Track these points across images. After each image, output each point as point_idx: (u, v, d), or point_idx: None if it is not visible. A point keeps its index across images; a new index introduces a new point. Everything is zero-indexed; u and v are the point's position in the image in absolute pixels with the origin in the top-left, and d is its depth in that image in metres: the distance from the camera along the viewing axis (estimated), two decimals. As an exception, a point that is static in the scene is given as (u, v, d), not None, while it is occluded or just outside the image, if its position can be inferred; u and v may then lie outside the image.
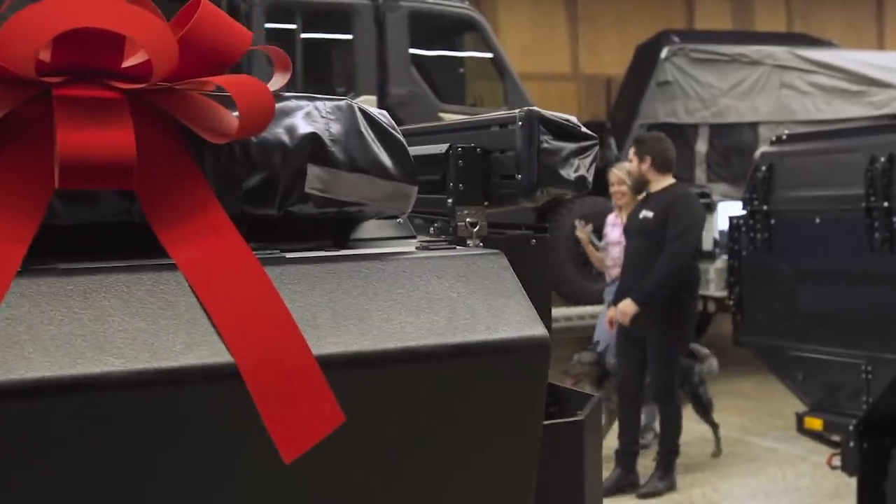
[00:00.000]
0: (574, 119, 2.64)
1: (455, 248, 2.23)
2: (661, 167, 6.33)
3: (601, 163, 8.47)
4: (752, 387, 9.12)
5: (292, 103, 2.27)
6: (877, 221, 4.65)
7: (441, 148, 2.73)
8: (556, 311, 8.54)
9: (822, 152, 5.04)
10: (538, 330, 2.05)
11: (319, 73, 8.21)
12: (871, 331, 4.77)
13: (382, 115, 2.35)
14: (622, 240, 6.78)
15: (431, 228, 2.74)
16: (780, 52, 9.98)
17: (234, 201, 2.22)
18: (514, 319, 2.05)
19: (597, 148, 2.65)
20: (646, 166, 6.34)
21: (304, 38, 7.81)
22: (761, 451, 7.37)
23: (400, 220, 2.68)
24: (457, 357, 1.98)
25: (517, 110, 2.63)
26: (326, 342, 1.91)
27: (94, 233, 2.14)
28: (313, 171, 2.24)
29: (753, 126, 9.73)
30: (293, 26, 7.72)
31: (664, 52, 10.14)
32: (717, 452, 7.17)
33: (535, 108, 2.58)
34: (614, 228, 7.14)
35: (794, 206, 4.99)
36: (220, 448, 1.84)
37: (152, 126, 2.06)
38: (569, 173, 2.54)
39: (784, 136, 5.35)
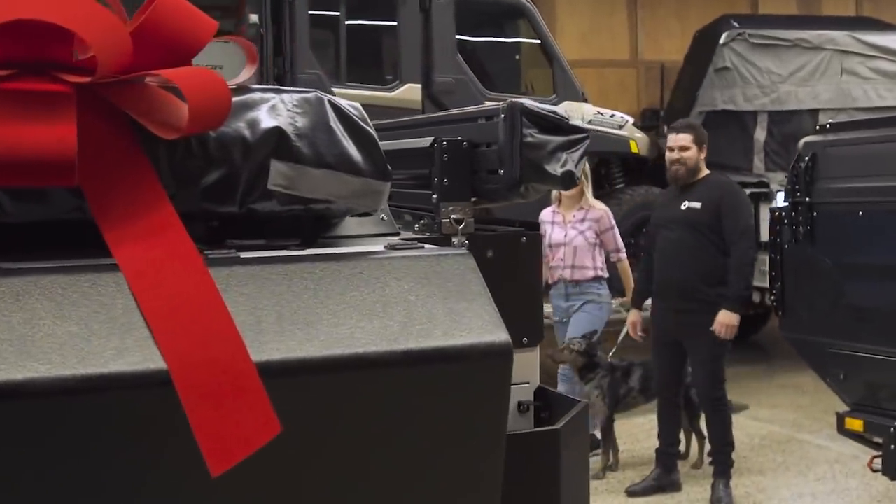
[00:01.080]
0: (562, 111, 2.53)
1: (423, 247, 2.13)
2: (705, 157, 6.10)
3: (656, 151, 8.24)
4: (811, 382, 8.84)
5: (256, 96, 2.18)
6: (921, 215, 4.46)
7: (426, 141, 2.63)
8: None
9: (866, 142, 4.84)
10: (500, 336, 1.94)
11: (364, 61, 8.14)
12: (914, 329, 4.58)
13: (354, 109, 2.26)
14: (567, 240, 6.63)
15: (416, 225, 2.64)
16: (841, 37, 9.66)
17: (192, 198, 2.15)
18: (475, 325, 1.94)
19: (587, 142, 2.53)
20: (703, 155, 6.03)
21: (348, 25, 7.74)
22: (811, 450, 7.15)
23: (383, 216, 2.59)
24: (410, 364, 1.88)
25: (501, 102, 2.53)
26: (269, 348, 1.83)
27: (49, 230, 2.08)
28: (277, 167, 2.15)
29: (813, 113, 9.44)
30: (337, 13, 7.66)
31: (723, 38, 9.88)
32: (697, 464, 6.71)
33: (521, 99, 2.47)
34: (555, 227, 6.80)
35: (836, 198, 4.80)
36: (153, 458, 1.77)
37: (101, 120, 1.99)
38: (555, 168, 2.43)
39: (828, 125, 5.15)
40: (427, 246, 2.15)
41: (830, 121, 5.39)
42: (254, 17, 7.41)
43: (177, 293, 1.85)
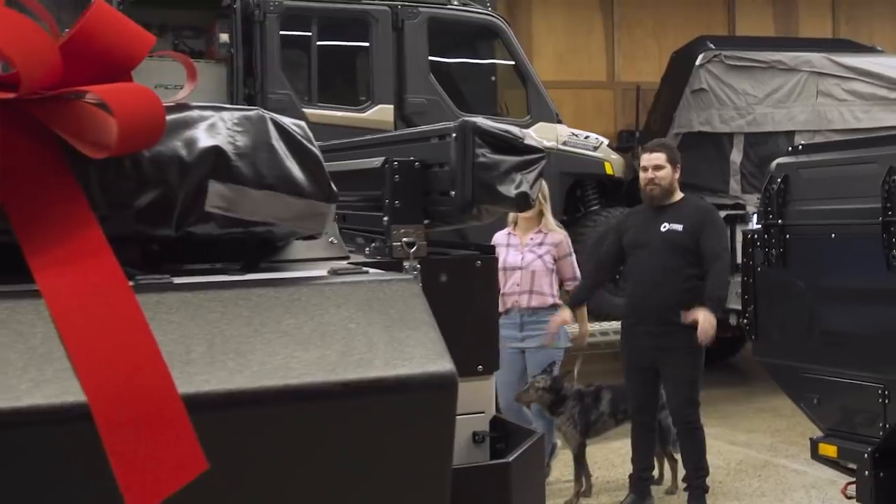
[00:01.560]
0: (518, 131, 2.45)
1: (367, 272, 2.04)
2: (679, 178, 6.06)
3: (631, 173, 8.15)
4: (788, 406, 8.72)
5: (195, 114, 2.09)
6: (894, 237, 4.38)
7: (378, 161, 2.54)
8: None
9: (839, 163, 4.78)
10: (444, 365, 1.85)
11: (336, 81, 8.06)
12: (888, 353, 4.49)
13: (297, 127, 2.16)
14: (525, 263, 6.27)
15: (367, 249, 2.55)
16: (817, 59, 9.64)
17: (125, 221, 2.04)
18: (418, 353, 1.85)
19: (543, 162, 2.45)
20: (677, 175, 5.99)
21: (319, 45, 7.67)
22: (788, 475, 7.07)
23: (332, 239, 2.50)
24: (348, 396, 1.78)
25: (453, 122, 2.45)
26: (197, 379, 1.73)
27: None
28: (215, 188, 2.06)
29: (790, 135, 9.40)
30: (309, 33, 7.59)
31: (699, 59, 9.84)
32: (671, 489, 6.58)
33: (473, 118, 2.39)
34: (511, 250, 6.37)
35: (809, 220, 4.74)
36: (71, 497, 1.67)
37: (26, 138, 1.89)
38: (508, 189, 2.34)
39: (800, 146, 5.09)
40: (371, 271, 2.06)
41: (802, 142, 5.33)
42: (224, 37, 7.34)
43: (100, 321, 1.75)
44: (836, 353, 4.76)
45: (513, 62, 8.39)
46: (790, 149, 5.15)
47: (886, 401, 4.51)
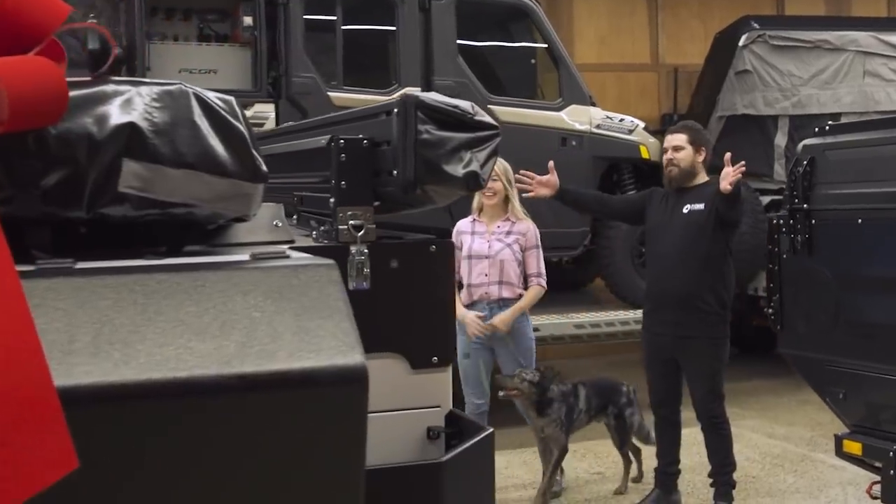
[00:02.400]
0: (469, 106, 2.28)
1: (287, 257, 1.89)
2: (706, 162, 5.73)
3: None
4: (832, 397, 8.53)
5: (109, 89, 1.95)
6: (922, 222, 4.15)
7: (324, 140, 2.40)
8: (607, 316, 8.08)
9: (866, 144, 4.53)
10: (353, 358, 1.69)
11: (362, 64, 7.91)
12: (915, 345, 4.27)
13: (223, 103, 2.02)
14: (492, 252, 5.88)
15: (314, 232, 2.40)
16: (864, 38, 9.29)
17: (31, 202, 1.91)
18: (326, 345, 1.69)
19: (497, 139, 2.29)
20: (701, 158, 5.66)
21: (345, 27, 7.53)
22: (826, 470, 6.80)
23: (277, 222, 2.36)
24: (245, 390, 1.63)
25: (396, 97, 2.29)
26: (78, 371, 1.59)
27: None
28: (129, 167, 1.92)
29: (835, 117, 9.05)
30: (334, 16, 7.45)
31: (743, 39, 9.55)
32: (622, 489, 6.33)
33: (417, 93, 2.23)
34: (476, 238, 5.95)
35: (835, 205, 4.51)
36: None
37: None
38: (456, 169, 2.17)
39: (828, 126, 4.84)
40: (294, 255, 1.92)
41: (830, 122, 5.08)
42: (248, 20, 7.22)
43: (-26, 308, 1.63)
44: (863, 346, 4.53)
45: (545, 44, 8.17)
46: (816, 129, 4.89)
47: (914, 396, 4.28)
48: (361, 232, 2.24)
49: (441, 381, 2.36)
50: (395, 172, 2.14)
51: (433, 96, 2.17)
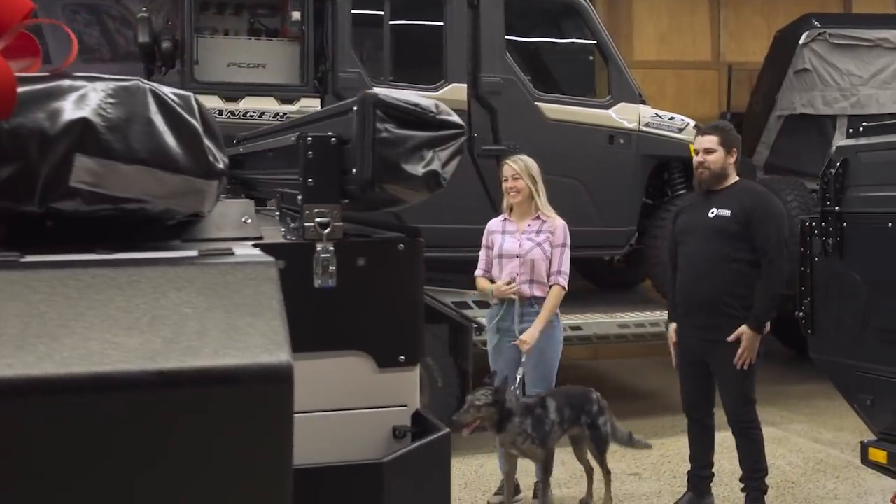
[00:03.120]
0: (432, 104, 2.27)
1: (232, 254, 1.91)
2: (738, 162, 5.65)
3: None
4: (886, 403, 8.34)
5: (65, 84, 1.98)
6: (952, 227, 4.04)
7: (292, 138, 2.41)
8: (652, 316, 7.99)
9: (897, 146, 4.42)
10: (279, 357, 1.70)
11: (409, 60, 7.91)
12: (943, 353, 4.15)
13: (179, 99, 2.04)
14: (523, 251, 5.87)
15: (283, 229, 2.42)
16: (925, 37, 9.10)
17: (-18, 196, 1.97)
18: (253, 343, 1.70)
19: (461, 139, 2.28)
20: (732, 160, 5.57)
21: (392, 23, 7.54)
22: (868, 478, 6.62)
23: (246, 219, 2.38)
24: (167, 387, 1.64)
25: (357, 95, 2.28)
26: (1, 364, 1.63)
27: None
28: (82, 163, 1.95)
29: (895, 118, 8.86)
30: (381, 12, 7.47)
31: (803, 38, 9.40)
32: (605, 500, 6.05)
33: (376, 91, 2.23)
34: (507, 237, 5.98)
35: (866, 208, 4.40)
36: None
37: None
38: (415, 168, 2.17)
39: (862, 127, 4.73)
40: (238, 252, 1.93)
41: (865, 123, 4.97)
42: (296, 15, 7.27)
43: None
44: (891, 352, 4.43)
45: (594, 41, 8.10)
46: (850, 130, 4.79)
47: (940, 405, 4.17)
48: (328, 229, 2.24)
49: (408, 381, 2.36)
50: (353, 170, 2.14)
51: (394, 94, 2.17)
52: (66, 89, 1.97)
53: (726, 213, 5.44)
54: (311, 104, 7.57)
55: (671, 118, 8.21)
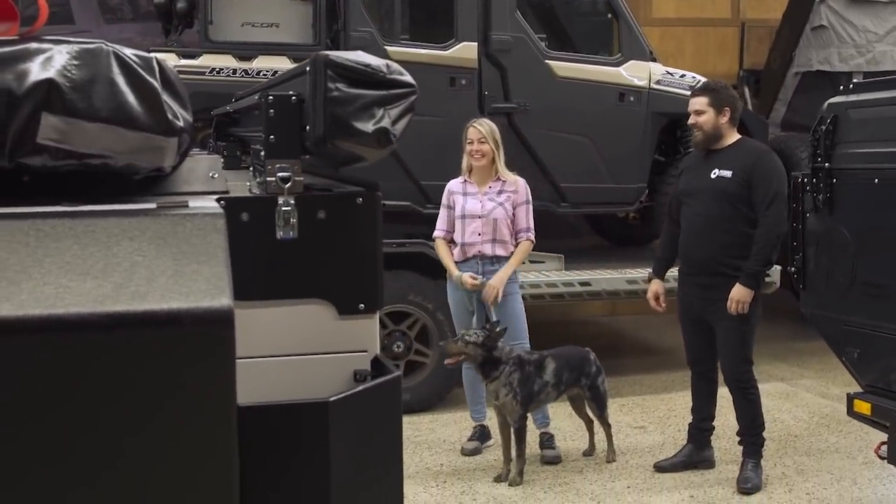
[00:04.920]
0: (383, 64, 2.37)
1: (186, 205, 2.03)
2: (734, 120, 5.68)
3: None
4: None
5: (32, 47, 2.11)
6: (934, 183, 4.09)
7: (257, 97, 2.52)
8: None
9: (887, 103, 4.46)
10: (220, 301, 1.82)
11: (419, 18, 7.98)
12: (926, 307, 4.23)
13: (139, 59, 2.16)
14: (485, 211, 6.07)
15: (248, 183, 2.54)
16: (941, -8, 9.05)
17: (-45, 152, 2.10)
18: (197, 288, 1.83)
19: (412, 97, 2.38)
20: (724, 119, 5.61)
21: (402, -17, 7.62)
22: (871, 432, 6.55)
23: (213, 174, 2.51)
24: (115, 328, 1.78)
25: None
26: (-40, 306, 1.77)
27: None
28: (48, 121, 2.08)
29: (909, 75, 8.85)
30: (391, -30, 7.55)
31: (820, -7, 9.38)
32: (611, 457, 6.23)
33: (328, 52, 2.33)
34: (469, 198, 6.17)
35: (854, 164, 4.45)
36: None
37: None
38: (366, 125, 2.28)
39: (853, 84, 4.78)
40: (192, 205, 2.06)
41: (855, 80, 5.00)
42: (309, -25, 7.36)
43: None
44: (877, 306, 4.50)
45: (605, -1, 8.13)
46: (841, 87, 4.83)
47: (922, 358, 4.24)
48: (289, 184, 2.36)
49: (367, 327, 2.48)
50: (307, 128, 2.26)
51: (345, 55, 2.27)
52: (34, 52, 2.09)
53: (727, 173, 5.52)
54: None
55: (682, 76, 8.24)
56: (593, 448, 6.34)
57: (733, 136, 5.68)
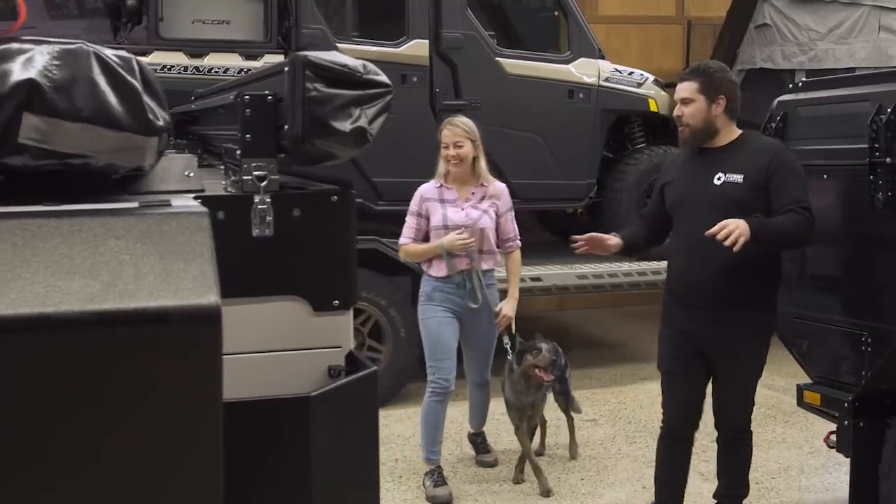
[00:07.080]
0: (360, 64, 2.42)
1: (169, 205, 2.06)
2: (731, 111, 4.51)
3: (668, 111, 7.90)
4: (839, 351, 8.59)
5: (13, 48, 2.13)
6: (880, 179, 4.21)
7: (231, 96, 2.55)
8: (611, 267, 8.16)
9: (834, 101, 4.59)
10: (208, 298, 1.86)
11: (371, 16, 8.01)
12: (871, 299, 4.35)
13: (120, 59, 2.19)
14: (471, 221, 5.48)
15: (224, 181, 2.57)
16: (880, -8, 9.25)
17: (-64, 153, 2.11)
18: (185, 286, 1.86)
19: (388, 97, 2.43)
20: (719, 110, 4.47)
21: (353, -20, 7.65)
22: (817, 422, 6.70)
23: (189, 172, 2.53)
24: (104, 326, 1.81)
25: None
26: (-49, 305, 1.78)
27: None
28: (29, 121, 2.10)
29: (850, 72, 9.03)
30: (343, -33, 7.57)
31: (763, -8, 9.55)
32: (574, 453, 6.31)
33: (306, 52, 2.37)
34: (449, 207, 5.53)
35: (803, 161, 4.55)
36: None
37: None
38: (343, 125, 2.33)
39: (801, 83, 4.90)
40: (175, 203, 2.08)
41: (804, 79, 5.13)
42: (259, -28, 7.35)
43: None
44: (825, 299, 4.63)
45: (553, -4, 8.23)
46: (790, 85, 4.96)
47: (868, 349, 4.37)
48: (265, 182, 2.40)
49: (342, 323, 2.52)
50: (286, 127, 2.30)
51: (323, 55, 2.31)
52: (15, 52, 2.10)
53: (738, 178, 4.38)
54: (276, 61, 7.67)
55: (630, 73, 8.36)
56: (543, 448, 6.42)
57: (733, 131, 4.54)
